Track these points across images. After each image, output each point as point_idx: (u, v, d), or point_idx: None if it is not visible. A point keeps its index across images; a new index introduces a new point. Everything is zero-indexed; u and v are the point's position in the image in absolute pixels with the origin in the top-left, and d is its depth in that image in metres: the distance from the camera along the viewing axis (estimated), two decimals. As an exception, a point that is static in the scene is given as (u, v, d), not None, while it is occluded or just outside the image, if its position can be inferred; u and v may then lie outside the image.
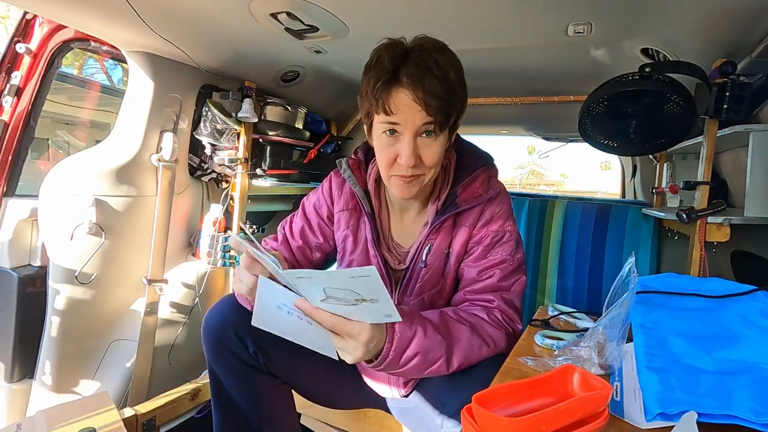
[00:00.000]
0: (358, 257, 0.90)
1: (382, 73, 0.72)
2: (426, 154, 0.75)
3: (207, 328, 0.88)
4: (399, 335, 0.67)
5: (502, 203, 0.85)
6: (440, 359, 0.71)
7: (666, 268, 1.56)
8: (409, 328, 0.68)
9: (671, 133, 1.13)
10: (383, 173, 0.81)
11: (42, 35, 1.34)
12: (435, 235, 0.84)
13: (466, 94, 0.78)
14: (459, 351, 0.72)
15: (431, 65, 0.71)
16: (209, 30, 1.20)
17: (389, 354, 0.66)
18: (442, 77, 0.71)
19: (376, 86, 0.73)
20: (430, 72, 0.71)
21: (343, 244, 0.92)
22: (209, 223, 1.54)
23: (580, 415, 0.42)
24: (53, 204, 1.25)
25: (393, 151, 0.76)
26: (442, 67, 0.72)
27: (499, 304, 0.80)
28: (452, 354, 0.72)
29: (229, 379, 0.88)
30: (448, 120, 0.75)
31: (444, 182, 0.87)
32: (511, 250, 0.83)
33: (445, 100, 0.72)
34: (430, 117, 0.72)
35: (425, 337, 0.69)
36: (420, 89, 0.70)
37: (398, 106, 0.72)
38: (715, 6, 0.89)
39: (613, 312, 0.59)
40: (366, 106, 0.78)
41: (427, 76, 0.70)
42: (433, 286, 0.86)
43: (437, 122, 0.73)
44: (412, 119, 0.73)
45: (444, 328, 0.73)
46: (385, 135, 0.76)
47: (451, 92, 0.73)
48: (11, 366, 1.31)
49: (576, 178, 31.13)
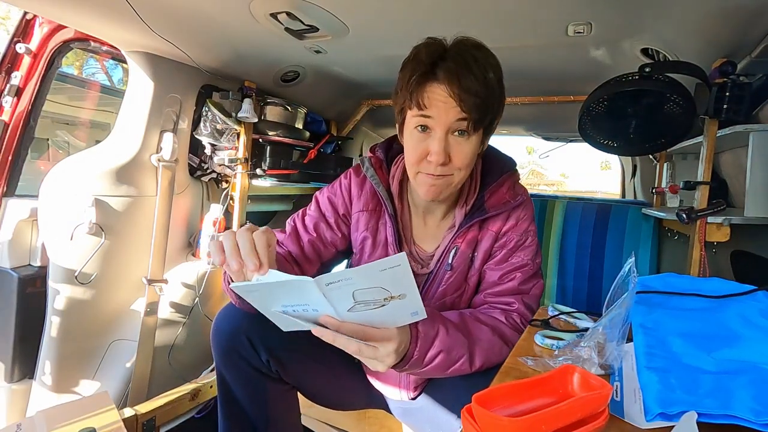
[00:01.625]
0: (377, 259, 0.89)
1: (419, 67, 0.71)
2: (456, 153, 0.74)
3: (217, 332, 0.85)
4: (423, 335, 0.66)
5: (527, 209, 0.86)
6: (463, 357, 0.70)
7: (666, 268, 1.56)
8: (432, 327, 0.68)
9: (671, 133, 1.13)
10: (410, 170, 0.79)
11: (42, 35, 1.34)
12: (461, 239, 0.84)
13: (503, 97, 0.77)
14: (481, 350, 0.72)
15: (470, 62, 0.70)
16: (209, 30, 1.20)
17: (414, 354, 0.66)
18: (480, 75, 0.70)
19: (411, 80, 0.72)
20: (468, 68, 0.70)
21: (361, 246, 0.90)
22: (209, 223, 1.54)
23: (580, 415, 0.42)
24: (53, 204, 1.25)
25: (423, 147, 0.74)
26: (481, 65, 0.71)
27: (519, 307, 0.81)
28: (474, 353, 0.72)
29: (237, 384, 0.86)
30: (483, 120, 0.73)
31: (471, 187, 0.86)
32: (532, 255, 0.84)
33: (482, 98, 0.71)
34: (464, 114, 0.71)
35: (448, 336, 0.69)
36: (456, 85, 0.69)
37: (432, 101, 0.71)
38: (715, 6, 0.89)
39: (613, 312, 0.59)
40: (399, 102, 0.77)
41: (465, 72, 0.69)
42: (456, 290, 0.85)
43: (471, 120, 0.71)
44: (446, 115, 0.71)
45: (465, 328, 0.73)
46: (416, 131, 0.75)
47: (489, 91, 0.72)
48: (11, 366, 1.31)
49: (576, 178, 31.16)
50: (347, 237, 0.93)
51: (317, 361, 0.91)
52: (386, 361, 0.62)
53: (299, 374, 0.90)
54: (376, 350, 0.61)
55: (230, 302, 0.87)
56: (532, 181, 24.04)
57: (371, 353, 0.61)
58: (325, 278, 0.53)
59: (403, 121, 0.79)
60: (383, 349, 0.61)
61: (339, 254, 0.95)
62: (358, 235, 0.91)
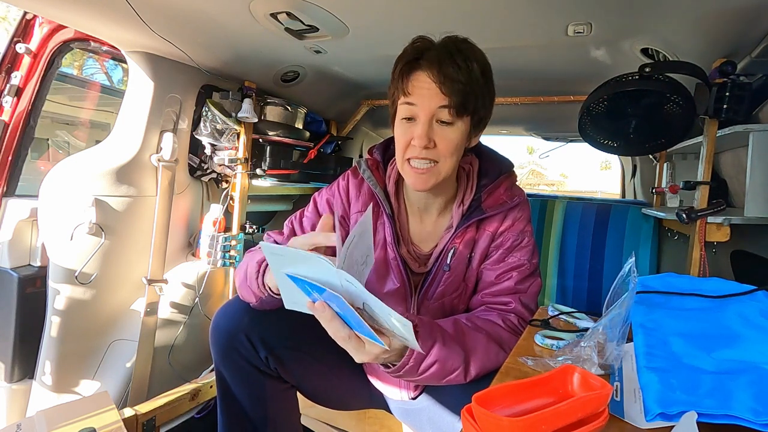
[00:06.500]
0: (376, 259, 0.89)
1: (406, 58, 0.76)
2: (441, 139, 0.76)
3: (216, 329, 0.86)
4: (420, 343, 0.67)
5: (523, 210, 0.87)
6: (458, 369, 0.71)
7: (666, 268, 1.56)
8: (429, 337, 0.69)
9: (671, 133, 1.13)
10: (399, 161, 0.81)
11: (42, 35, 1.34)
12: (459, 239, 0.84)
13: (490, 90, 0.79)
14: (476, 360, 0.73)
15: (453, 52, 0.73)
16: (209, 30, 1.20)
17: (409, 361, 0.66)
18: (463, 64, 0.73)
19: (398, 69, 0.76)
20: (450, 56, 0.73)
21: None
22: (209, 223, 1.54)
23: (580, 415, 0.42)
24: (53, 204, 1.25)
25: (409, 134, 0.77)
26: (464, 55, 0.74)
27: (516, 306, 0.81)
28: (469, 364, 0.72)
29: (236, 382, 0.87)
30: (465, 106, 0.75)
31: (468, 187, 0.87)
32: (529, 255, 0.85)
33: (463, 84, 0.73)
34: (446, 98, 0.73)
35: (444, 347, 0.70)
36: (436, 69, 0.72)
37: (415, 88, 0.74)
38: (715, 6, 0.89)
39: (613, 312, 0.59)
40: (391, 95, 0.80)
41: (447, 60, 0.72)
42: (454, 290, 0.86)
43: (453, 105, 0.73)
44: (429, 101, 0.74)
45: (461, 338, 0.73)
46: (403, 121, 0.78)
47: (471, 79, 0.74)
48: (11, 366, 1.31)
49: (576, 178, 31.18)
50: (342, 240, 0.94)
51: (317, 360, 0.91)
52: (367, 358, 0.62)
53: (299, 373, 0.90)
54: (363, 345, 0.61)
55: (229, 300, 0.88)
56: (532, 181, 24.05)
57: (357, 345, 0.61)
58: (346, 275, 0.55)
59: (395, 113, 0.81)
60: (370, 347, 0.61)
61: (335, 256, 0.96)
62: None
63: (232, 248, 1.54)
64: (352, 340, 0.60)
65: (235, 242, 1.54)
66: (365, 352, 0.61)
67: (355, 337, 0.60)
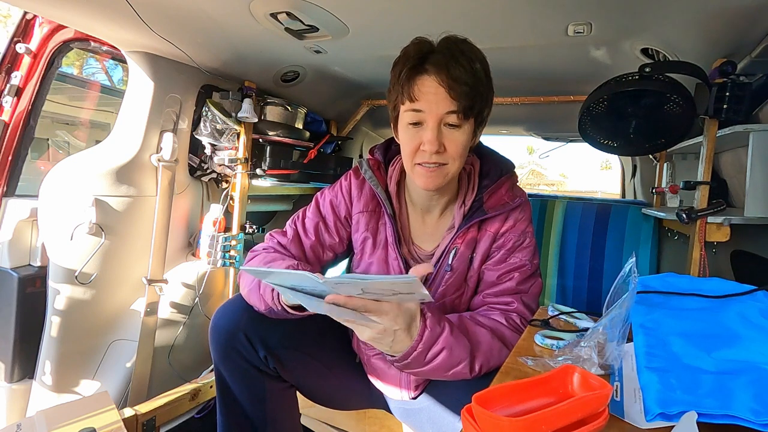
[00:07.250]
0: (377, 259, 0.89)
1: (408, 62, 0.75)
2: (450, 142, 0.76)
3: (216, 329, 0.86)
4: (429, 330, 0.67)
5: (525, 210, 0.87)
6: (464, 361, 0.71)
7: (666, 268, 1.56)
8: (438, 324, 0.69)
9: (671, 133, 1.13)
10: (407, 164, 0.81)
11: (42, 35, 1.34)
12: (461, 239, 0.85)
13: (491, 89, 0.79)
14: (480, 354, 0.73)
15: (457, 54, 0.73)
16: (209, 30, 1.20)
17: (418, 346, 0.66)
18: (468, 65, 0.73)
19: (401, 74, 0.75)
20: (455, 59, 0.72)
21: (362, 246, 0.91)
22: (209, 223, 1.54)
23: (580, 415, 0.42)
24: (53, 204, 1.25)
25: (417, 139, 0.77)
26: (468, 57, 0.74)
27: (518, 306, 0.82)
28: (475, 357, 0.72)
29: (235, 381, 0.87)
30: (473, 108, 0.75)
31: (469, 188, 0.88)
32: (530, 255, 0.85)
33: (470, 86, 0.73)
34: (455, 102, 0.73)
35: (451, 335, 0.70)
36: (445, 74, 0.72)
37: (422, 93, 0.74)
38: (715, 6, 0.89)
39: (613, 312, 0.59)
40: (392, 98, 0.80)
41: (453, 63, 0.72)
42: (455, 290, 0.86)
43: (461, 109, 0.74)
44: (437, 106, 0.74)
45: (466, 330, 0.74)
46: (410, 127, 0.77)
47: (477, 80, 0.74)
48: (11, 366, 1.31)
49: (576, 178, 31.20)
50: (345, 241, 0.95)
51: (316, 359, 0.91)
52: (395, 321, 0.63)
53: (298, 372, 0.90)
54: (383, 316, 0.62)
55: (229, 300, 0.88)
56: (532, 180, 24.05)
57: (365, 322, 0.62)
58: (334, 279, 0.55)
59: (396, 117, 0.81)
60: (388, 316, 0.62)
61: (338, 257, 0.97)
62: (358, 235, 0.92)
63: (232, 248, 1.54)
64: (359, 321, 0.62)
65: (235, 242, 1.54)
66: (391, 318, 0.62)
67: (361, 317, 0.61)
